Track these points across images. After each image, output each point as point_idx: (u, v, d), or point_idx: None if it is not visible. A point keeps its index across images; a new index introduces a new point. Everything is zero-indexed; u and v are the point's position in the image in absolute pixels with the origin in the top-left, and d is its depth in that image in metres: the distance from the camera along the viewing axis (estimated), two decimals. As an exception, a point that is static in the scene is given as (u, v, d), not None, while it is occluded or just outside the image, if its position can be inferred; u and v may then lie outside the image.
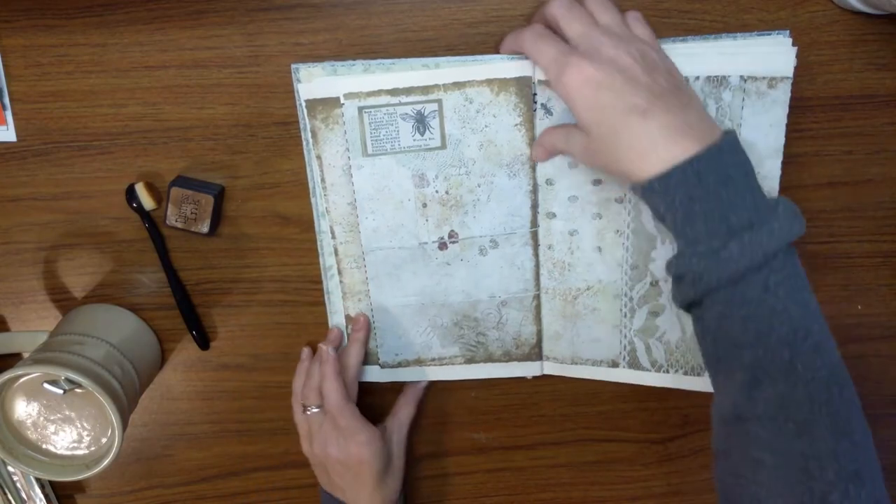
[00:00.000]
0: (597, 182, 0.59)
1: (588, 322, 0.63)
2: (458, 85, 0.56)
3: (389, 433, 0.63)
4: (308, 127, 0.58)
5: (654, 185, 0.47)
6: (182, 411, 0.66)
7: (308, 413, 0.61)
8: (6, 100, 0.59)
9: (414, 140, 0.58)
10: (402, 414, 0.65)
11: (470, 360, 0.64)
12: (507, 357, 0.64)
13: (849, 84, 0.61)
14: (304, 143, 0.59)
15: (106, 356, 0.57)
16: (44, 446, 0.58)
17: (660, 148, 0.47)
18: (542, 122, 0.57)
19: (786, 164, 0.62)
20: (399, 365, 0.64)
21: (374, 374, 0.64)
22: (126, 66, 0.59)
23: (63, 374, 0.53)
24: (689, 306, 0.50)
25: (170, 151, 0.61)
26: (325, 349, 0.61)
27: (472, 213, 0.60)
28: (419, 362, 0.64)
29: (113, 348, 0.58)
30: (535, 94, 0.56)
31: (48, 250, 0.62)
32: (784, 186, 0.62)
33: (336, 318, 0.63)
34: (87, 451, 0.58)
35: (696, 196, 0.46)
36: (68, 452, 0.58)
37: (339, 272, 0.61)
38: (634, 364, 0.63)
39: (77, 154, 0.60)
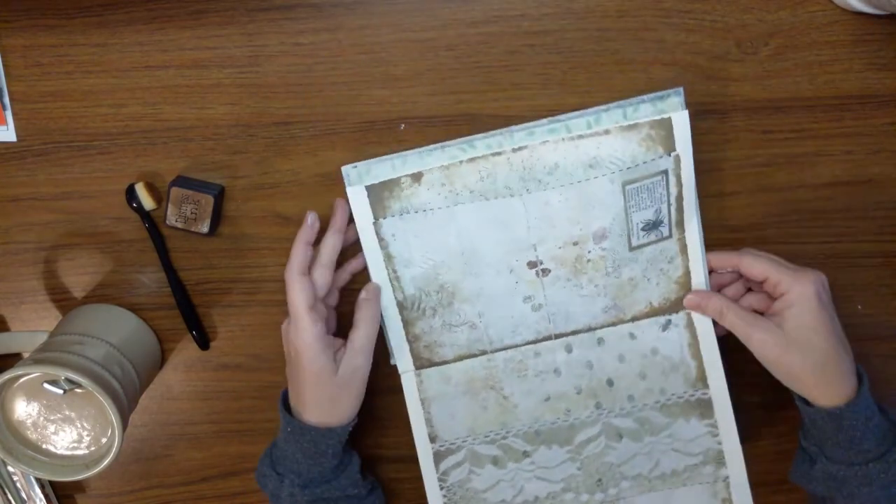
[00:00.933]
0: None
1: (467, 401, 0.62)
2: None
3: (346, 349, 0.57)
4: None
5: (842, 412, 0.55)
6: (182, 411, 0.66)
7: None
8: (6, 100, 0.59)
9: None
10: (362, 331, 0.58)
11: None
12: (414, 340, 0.61)
13: (849, 84, 0.61)
14: None
15: (106, 356, 0.57)
16: (44, 446, 0.58)
17: (849, 379, 0.56)
18: None
19: (786, 164, 0.62)
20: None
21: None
22: (126, 66, 0.59)
23: (63, 374, 0.53)
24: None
25: (170, 151, 0.61)
26: (308, 213, 0.57)
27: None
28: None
29: (113, 348, 0.58)
30: None
31: (48, 250, 0.62)
32: (784, 186, 0.62)
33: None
34: (87, 451, 0.58)
35: (870, 415, 0.56)
36: (68, 452, 0.58)
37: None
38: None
39: (77, 154, 0.60)
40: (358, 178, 0.58)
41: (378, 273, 0.59)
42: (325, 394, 0.57)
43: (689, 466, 0.63)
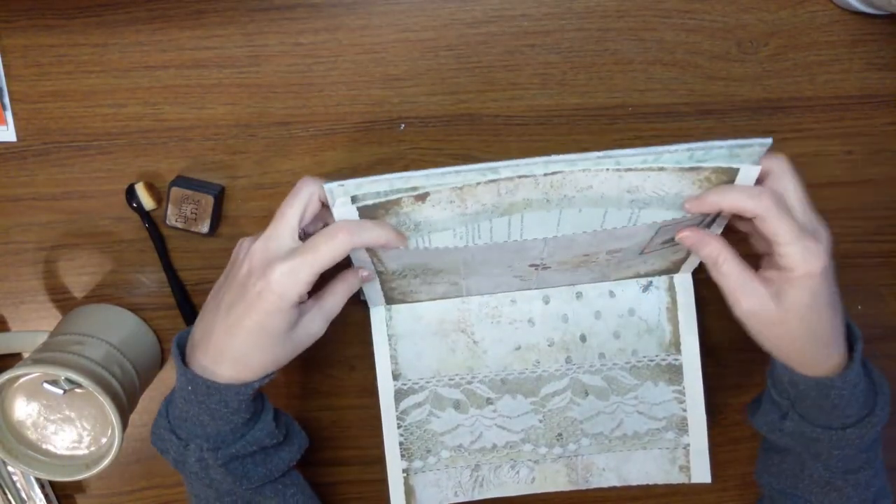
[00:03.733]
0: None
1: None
2: None
3: (313, 310, 0.52)
4: None
5: (833, 382, 0.50)
6: (182, 411, 0.66)
7: None
8: (6, 100, 0.59)
9: None
10: (337, 300, 0.53)
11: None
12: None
13: (849, 84, 0.61)
14: None
15: (106, 356, 0.57)
16: (44, 446, 0.58)
17: (840, 345, 0.51)
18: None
19: (786, 164, 0.62)
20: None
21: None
22: (126, 66, 0.59)
23: (63, 374, 0.53)
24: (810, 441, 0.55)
25: (170, 151, 0.61)
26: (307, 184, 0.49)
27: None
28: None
29: (113, 348, 0.58)
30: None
31: (48, 250, 0.62)
32: (784, 186, 0.62)
33: None
34: (87, 451, 0.58)
35: (858, 381, 0.51)
36: (68, 452, 0.58)
37: None
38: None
39: (77, 154, 0.60)
40: (344, 195, 0.48)
41: (359, 257, 0.53)
42: (264, 350, 0.49)
43: (652, 430, 0.63)
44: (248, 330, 0.48)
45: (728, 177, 0.47)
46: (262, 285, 0.47)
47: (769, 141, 0.46)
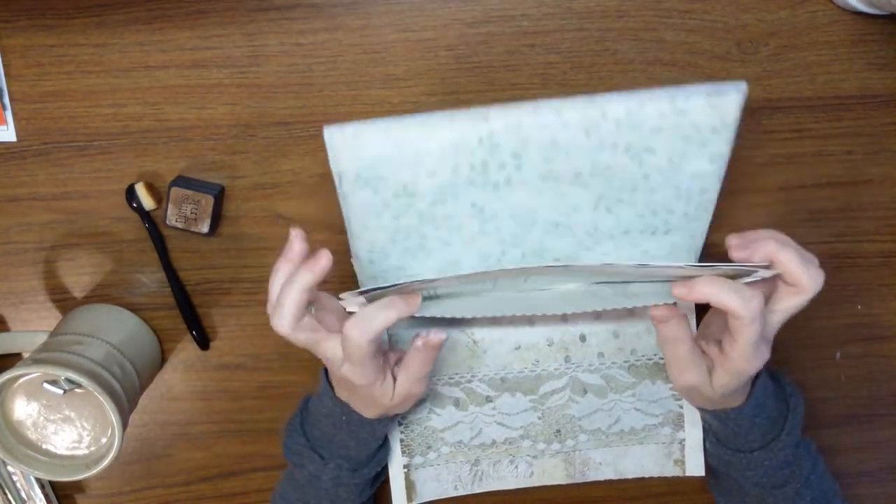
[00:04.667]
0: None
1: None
2: None
3: (401, 377, 0.54)
4: None
5: (730, 415, 0.54)
6: (182, 411, 0.66)
7: None
8: (6, 100, 0.59)
9: None
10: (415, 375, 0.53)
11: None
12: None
13: (849, 84, 0.61)
14: None
15: (106, 356, 0.57)
16: (44, 446, 0.58)
17: (745, 387, 0.53)
18: None
19: (786, 164, 0.62)
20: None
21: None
22: (126, 66, 0.59)
23: (63, 374, 0.53)
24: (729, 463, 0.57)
25: (170, 151, 0.61)
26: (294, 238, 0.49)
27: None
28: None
29: (113, 348, 0.58)
30: None
31: (48, 250, 0.62)
32: (785, 186, 0.62)
33: None
34: (87, 451, 0.58)
35: (758, 412, 0.54)
36: (68, 452, 0.58)
37: None
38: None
39: (77, 154, 0.61)
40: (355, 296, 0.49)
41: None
42: (380, 410, 0.55)
43: (648, 426, 0.64)
44: (361, 398, 0.54)
45: (741, 275, 0.48)
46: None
47: (743, 85, 0.46)
